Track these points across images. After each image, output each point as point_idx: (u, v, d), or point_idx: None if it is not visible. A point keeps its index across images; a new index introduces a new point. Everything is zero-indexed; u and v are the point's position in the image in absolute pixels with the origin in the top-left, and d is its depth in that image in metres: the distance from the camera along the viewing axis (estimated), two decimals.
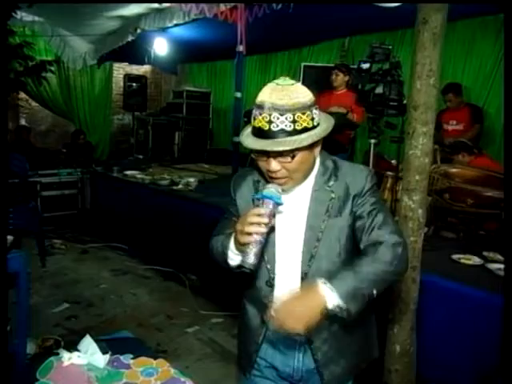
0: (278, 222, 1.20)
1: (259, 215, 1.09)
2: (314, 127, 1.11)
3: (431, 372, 2.30)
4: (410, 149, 2.07)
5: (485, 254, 2.71)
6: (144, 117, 7.29)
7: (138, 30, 5.08)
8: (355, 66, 3.84)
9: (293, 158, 1.11)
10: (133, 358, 1.49)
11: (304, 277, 1.22)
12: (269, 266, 1.25)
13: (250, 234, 1.08)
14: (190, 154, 7.14)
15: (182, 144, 7.25)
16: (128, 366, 1.45)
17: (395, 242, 1.14)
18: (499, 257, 2.65)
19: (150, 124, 7.02)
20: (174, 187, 4.62)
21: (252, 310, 1.35)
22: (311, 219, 1.20)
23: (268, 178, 1.18)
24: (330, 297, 1.04)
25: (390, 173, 3.60)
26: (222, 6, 4.00)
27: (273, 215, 1.12)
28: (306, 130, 1.09)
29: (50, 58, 6.03)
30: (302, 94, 1.09)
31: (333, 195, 1.20)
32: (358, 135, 5.12)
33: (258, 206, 1.14)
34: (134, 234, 4.78)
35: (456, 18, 4.28)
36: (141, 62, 7.27)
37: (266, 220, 1.09)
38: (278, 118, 1.06)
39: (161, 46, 6.20)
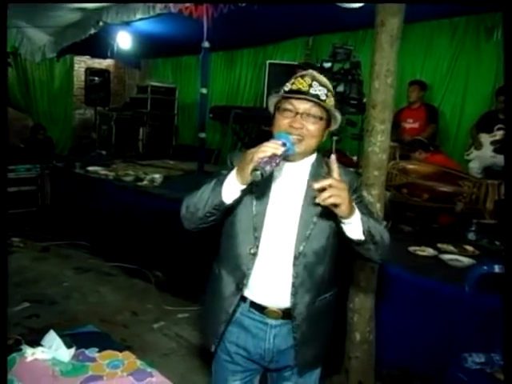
0: (273, 193, 1.29)
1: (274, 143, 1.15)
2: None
3: (390, 359, 2.41)
4: (368, 146, 2.16)
5: (438, 245, 2.86)
6: (107, 112, 7.15)
7: (101, 23, 4.96)
8: (319, 65, 3.92)
9: (319, 119, 1.25)
10: (98, 352, 1.49)
11: (297, 256, 1.27)
12: (256, 234, 1.28)
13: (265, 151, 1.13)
14: (155, 149, 7.07)
15: (146, 140, 7.16)
16: (93, 359, 1.45)
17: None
18: (452, 248, 2.82)
19: (113, 119, 6.88)
20: (139, 183, 4.57)
21: (227, 277, 1.35)
22: (307, 204, 1.28)
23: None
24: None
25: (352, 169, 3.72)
26: None
27: (279, 156, 1.13)
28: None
29: None
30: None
31: None
32: None
33: None
34: (97, 231, 4.69)
35: (413, 21, 4.43)
36: (103, 56, 7.11)
37: (281, 146, 1.14)
38: (317, 86, 1.25)
39: (124, 40, 6.04)
